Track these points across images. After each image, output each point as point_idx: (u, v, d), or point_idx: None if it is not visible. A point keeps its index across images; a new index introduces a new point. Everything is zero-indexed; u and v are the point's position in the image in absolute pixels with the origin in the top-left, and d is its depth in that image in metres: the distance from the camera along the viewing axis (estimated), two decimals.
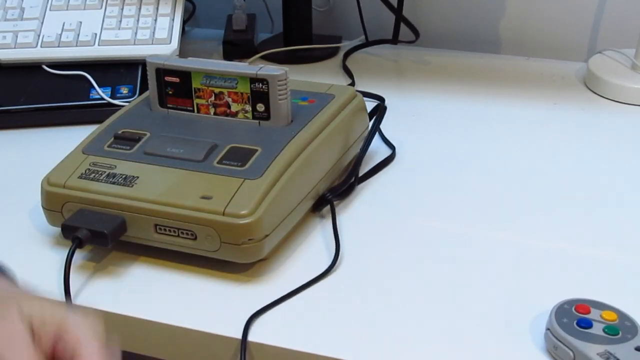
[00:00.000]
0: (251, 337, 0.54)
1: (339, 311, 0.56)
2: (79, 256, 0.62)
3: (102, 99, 0.85)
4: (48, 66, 0.89)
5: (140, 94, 0.85)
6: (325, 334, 0.54)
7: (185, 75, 0.68)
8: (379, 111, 0.75)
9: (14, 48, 0.90)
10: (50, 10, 0.94)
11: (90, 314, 0.44)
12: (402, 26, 1.00)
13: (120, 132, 0.67)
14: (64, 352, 0.42)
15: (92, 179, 0.62)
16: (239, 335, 0.53)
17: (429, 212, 0.68)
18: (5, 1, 0.94)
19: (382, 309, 0.56)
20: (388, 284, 0.59)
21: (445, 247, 0.63)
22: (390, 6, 0.99)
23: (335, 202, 0.67)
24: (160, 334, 0.56)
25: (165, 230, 0.59)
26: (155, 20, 0.93)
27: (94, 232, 0.58)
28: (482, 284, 0.58)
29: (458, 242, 0.63)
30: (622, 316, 0.51)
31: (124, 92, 0.86)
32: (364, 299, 0.57)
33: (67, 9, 0.94)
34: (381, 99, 0.88)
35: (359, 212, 0.68)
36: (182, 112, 0.69)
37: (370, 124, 0.75)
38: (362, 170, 0.73)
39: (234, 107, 0.68)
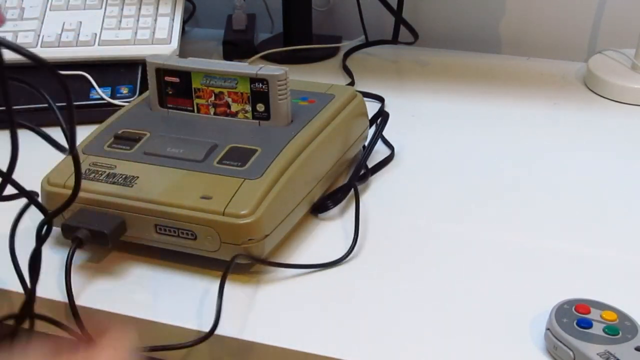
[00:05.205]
0: (251, 337, 0.54)
1: (338, 311, 0.56)
2: (79, 256, 0.62)
3: (102, 99, 0.85)
4: None
5: (140, 94, 0.85)
6: (325, 334, 0.54)
7: (185, 75, 0.68)
8: (382, 117, 0.75)
9: None
10: (50, 10, 0.94)
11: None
12: (402, 27, 1.01)
13: (120, 132, 0.67)
14: None
15: (92, 179, 0.62)
16: (240, 336, 0.53)
17: (428, 212, 0.68)
18: (6, 1, 0.94)
19: (382, 309, 0.56)
20: (387, 283, 0.59)
21: (445, 247, 0.63)
22: (390, 8, 0.99)
23: (332, 205, 0.67)
24: (160, 334, 0.56)
25: (165, 230, 0.59)
26: (155, 20, 0.93)
27: (94, 232, 0.58)
28: (482, 283, 0.58)
29: (458, 241, 0.63)
30: (622, 316, 0.51)
31: (124, 92, 0.86)
32: (363, 298, 0.57)
33: (67, 9, 0.94)
34: (381, 99, 0.88)
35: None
36: (182, 112, 0.69)
37: (372, 131, 0.75)
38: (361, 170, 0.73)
39: (234, 107, 0.68)
